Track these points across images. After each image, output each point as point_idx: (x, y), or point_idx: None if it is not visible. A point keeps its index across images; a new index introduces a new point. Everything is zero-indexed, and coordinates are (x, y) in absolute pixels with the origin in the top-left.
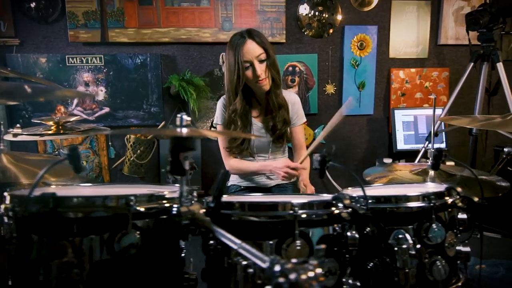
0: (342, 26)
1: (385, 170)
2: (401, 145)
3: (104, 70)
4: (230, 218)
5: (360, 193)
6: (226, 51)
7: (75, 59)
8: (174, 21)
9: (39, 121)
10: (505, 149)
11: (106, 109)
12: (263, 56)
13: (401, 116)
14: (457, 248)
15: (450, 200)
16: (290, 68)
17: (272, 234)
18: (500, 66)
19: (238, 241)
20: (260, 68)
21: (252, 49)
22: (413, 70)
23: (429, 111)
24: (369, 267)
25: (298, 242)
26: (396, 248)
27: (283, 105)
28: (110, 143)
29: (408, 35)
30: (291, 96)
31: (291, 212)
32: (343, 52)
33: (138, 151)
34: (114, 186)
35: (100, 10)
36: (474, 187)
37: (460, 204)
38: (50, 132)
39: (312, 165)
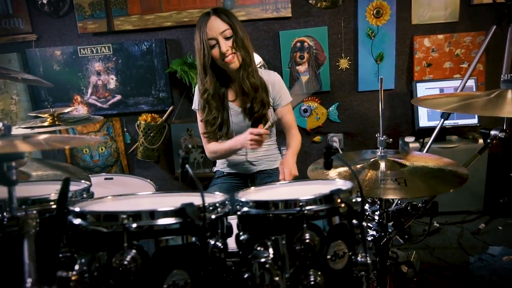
0: None
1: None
2: (424, 122)
3: (113, 59)
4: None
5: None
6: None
7: (86, 49)
8: (175, 4)
9: (35, 114)
10: (492, 132)
11: (118, 97)
12: (229, 33)
13: (424, 90)
14: (357, 259)
15: (328, 207)
16: (298, 44)
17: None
18: None
19: None
20: (225, 44)
21: (216, 25)
22: (440, 36)
23: (457, 82)
24: (245, 277)
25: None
26: (252, 262)
27: (258, 85)
28: (125, 129)
29: None
30: (270, 76)
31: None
32: (357, 22)
33: (149, 136)
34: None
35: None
36: (444, 177)
37: (342, 210)
38: (46, 124)
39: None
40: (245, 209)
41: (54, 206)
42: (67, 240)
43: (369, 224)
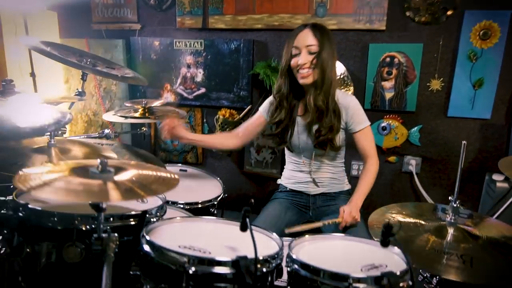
0: (461, 11)
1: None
2: None
3: (203, 54)
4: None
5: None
6: None
7: (180, 43)
8: (268, 7)
9: (130, 104)
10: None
11: (203, 90)
12: (314, 48)
13: None
14: None
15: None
16: (388, 59)
17: None
18: None
19: None
20: (305, 57)
21: (306, 37)
22: None
23: None
24: None
25: None
26: None
27: (324, 109)
28: (205, 120)
29: None
30: (346, 100)
31: None
32: (459, 42)
33: (225, 131)
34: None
35: None
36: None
37: None
38: (137, 115)
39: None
40: (295, 266)
41: (133, 223)
42: (138, 261)
43: None
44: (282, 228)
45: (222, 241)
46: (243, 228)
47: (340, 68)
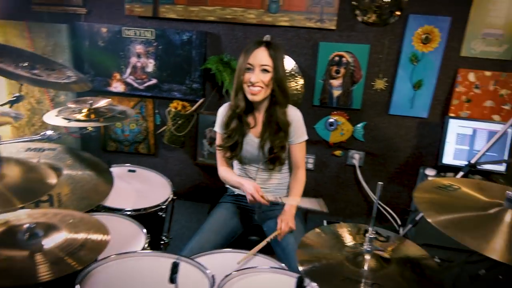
0: (405, 15)
1: None
2: (448, 159)
3: (154, 44)
4: None
5: None
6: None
7: (130, 31)
8: (221, 0)
9: (74, 105)
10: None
11: (154, 81)
12: (268, 68)
13: (456, 127)
14: None
15: None
16: (336, 58)
17: None
18: None
19: None
20: (257, 76)
21: (261, 56)
22: (488, 73)
23: (495, 126)
24: None
25: None
26: None
27: (286, 125)
28: (156, 111)
29: (491, 30)
30: (291, 112)
31: None
32: (403, 45)
33: (177, 124)
34: None
35: None
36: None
37: None
38: (81, 117)
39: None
40: None
41: None
42: None
43: None
44: (226, 235)
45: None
46: (172, 281)
47: (290, 63)
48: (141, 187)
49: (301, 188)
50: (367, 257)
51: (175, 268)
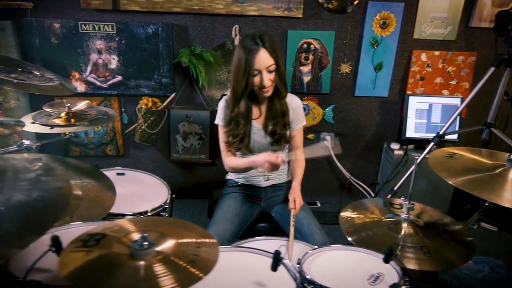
0: (365, 1)
1: None
2: (410, 132)
3: (116, 38)
4: None
5: None
6: (236, 50)
7: (87, 25)
8: None
9: (49, 110)
10: None
11: (119, 77)
12: (273, 67)
13: (415, 103)
14: None
15: None
16: (305, 45)
17: None
18: None
19: None
20: (267, 78)
21: (264, 59)
22: (436, 53)
23: (446, 100)
24: None
25: None
26: None
27: (286, 112)
28: (123, 109)
29: (437, 14)
30: (293, 101)
31: None
32: (364, 30)
33: (149, 121)
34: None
35: None
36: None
37: None
38: (60, 122)
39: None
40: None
41: None
42: None
43: None
44: (240, 223)
45: (245, 277)
46: (274, 268)
47: None
48: (136, 189)
49: (303, 168)
50: (404, 224)
51: (277, 256)
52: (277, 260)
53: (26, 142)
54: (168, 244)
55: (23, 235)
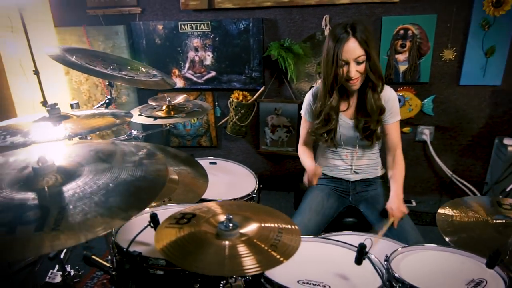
0: None
1: None
2: None
3: (211, 36)
4: None
5: None
6: (326, 39)
7: (186, 25)
8: None
9: (153, 104)
10: None
11: (213, 73)
12: (362, 58)
13: None
14: None
15: None
16: (402, 32)
17: None
18: None
19: None
20: (355, 69)
21: (353, 49)
22: None
23: None
24: None
25: None
26: None
27: (383, 108)
28: (216, 103)
29: None
30: (386, 92)
31: None
32: (472, 11)
33: (239, 114)
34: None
35: None
36: None
37: None
38: (162, 114)
39: None
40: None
41: None
42: None
43: None
44: (326, 215)
45: (329, 268)
46: (359, 262)
47: None
48: (226, 178)
49: (403, 170)
50: None
51: (362, 250)
52: (361, 254)
53: (134, 132)
54: (251, 228)
55: (126, 209)
